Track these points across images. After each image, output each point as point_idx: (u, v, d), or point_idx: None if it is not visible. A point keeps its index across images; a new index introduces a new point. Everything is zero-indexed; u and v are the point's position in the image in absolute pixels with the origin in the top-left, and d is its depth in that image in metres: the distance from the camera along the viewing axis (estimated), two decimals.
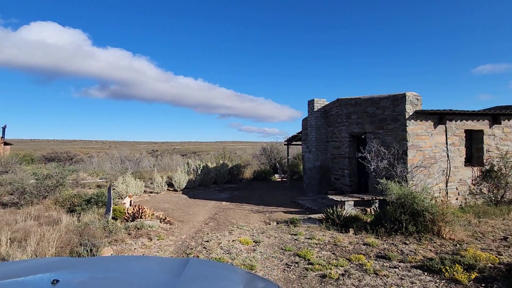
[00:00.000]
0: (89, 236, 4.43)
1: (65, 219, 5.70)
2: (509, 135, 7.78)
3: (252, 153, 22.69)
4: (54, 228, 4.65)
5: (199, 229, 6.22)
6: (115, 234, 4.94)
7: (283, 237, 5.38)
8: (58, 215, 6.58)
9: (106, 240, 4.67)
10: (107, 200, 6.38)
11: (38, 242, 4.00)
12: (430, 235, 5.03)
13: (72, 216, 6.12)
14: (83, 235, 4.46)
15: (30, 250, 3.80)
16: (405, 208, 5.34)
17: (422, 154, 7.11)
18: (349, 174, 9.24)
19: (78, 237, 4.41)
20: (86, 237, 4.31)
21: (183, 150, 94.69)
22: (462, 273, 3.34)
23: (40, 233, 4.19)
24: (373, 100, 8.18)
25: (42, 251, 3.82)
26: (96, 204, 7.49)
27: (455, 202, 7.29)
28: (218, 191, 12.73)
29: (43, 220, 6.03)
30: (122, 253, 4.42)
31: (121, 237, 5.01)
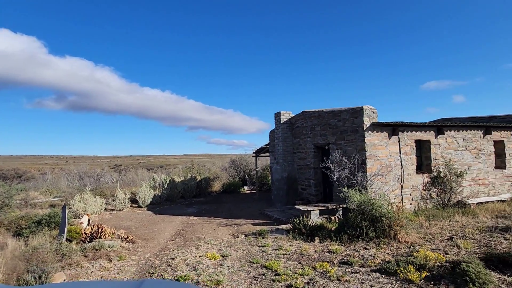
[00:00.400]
0: (38, 261, 4.03)
1: (10, 244, 5.12)
2: (451, 144, 8.68)
3: (221, 166, 22.49)
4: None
5: (164, 247, 5.97)
6: (69, 257, 4.55)
7: (251, 250, 5.37)
8: (3, 239, 5.90)
9: (59, 265, 4.28)
10: (61, 220, 5.88)
11: None
12: (387, 239, 5.36)
13: (18, 240, 5.54)
14: (30, 260, 4.04)
15: None
16: (365, 215, 5.65)
17: (379, 163, 7.63)
18: (315, 184, 9.56)
19: (25, 263, 4.00)
20: (34, 263, 3.92)
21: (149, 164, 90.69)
22: (414, 273, 3.61)
23: None
24: (334, 112, 8.67)
25: None
26: (48, 226, 6.86)
27: (409, 207, 7.87)
28: (186, 205, 12.36)
29: None
30: (76, 278, 4.07)
31: (76, 260, 4.63)
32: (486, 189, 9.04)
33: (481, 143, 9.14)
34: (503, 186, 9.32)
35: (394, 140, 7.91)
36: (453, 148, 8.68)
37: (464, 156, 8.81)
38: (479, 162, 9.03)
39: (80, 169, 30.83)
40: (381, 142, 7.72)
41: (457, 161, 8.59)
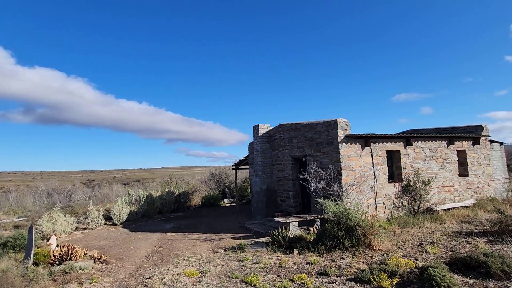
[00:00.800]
0: (8, 284, 3.76)
1: None
2: (419, 154, 9.25)
3: (200, 179, 22.16)
4: None
5: (140, 266, 5.77)
6: (36, 282, 4.28)
7: (231, 265, 5.34)
8: None
9: None
10: (27, 242, 5.52)
11: None
12: (363, 247, 5.56)
13: None
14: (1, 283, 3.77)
15: None
16: (341, 225, 5.84)
17: (354, 174, 7.95)
18: (294, 196, 9.72)
19: None
20: (4, 286, 3.66)
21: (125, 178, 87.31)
22: (386, 280, 3.78)
23: None
24: (310, 125, 8.98)
25: None
26: (12, 249, 6.41)
27: (383, 215, 8.21)
28: (164, 221, 12.02)
29: None
30: None
31: (44, 286, 4.36)
32: (452, 195, 9.65)
33: (446, 153, 9.82)
34: (466, 192, 10.00)
35: (367, 151, 8.30)
36: (421, 158, 9.25)
37: (431, 165, 9.40)
38: (444, 170, 9.67)
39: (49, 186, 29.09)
40: (355, 153, 8.08)
41: (425, 170, 9.14)
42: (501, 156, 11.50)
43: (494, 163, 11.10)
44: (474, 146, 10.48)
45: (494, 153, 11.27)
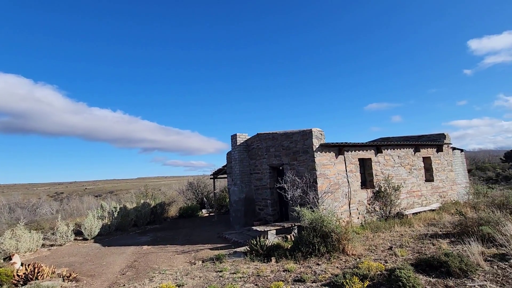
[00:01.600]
0: None
1: None
2: (389, 161, 9.80)
3: (178, 189, 21.74)
4: None
5: (114, 282, 5.58)
6: None
7: (208, 276, 5.32)
8: None
9: None
10: None
11: None
12: (337, 253, 5.77)
13: None
14: None
15: None
16: (316, 232, 6.03)
17: (329, 181, 8.25)
18: (272, 204, 9.86)
19: None
20: None
21: (97, 190, 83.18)
22: (358, 283, 3.98)
23: None
24: (287, 134, 9.23)
25: None
26: None
27: (357, 220, 8.55)
28: (139, 234, 11.65)
29: None
30: None
31: None
32: (419, 200, 10.27)
33: (413, 160, 10.48)
34: (432, 196, 10.69)
35: (340, 159, 8.67)
36: (390, 165, 9.79)
37: (400, 172, 9.98)
38: (412, 176, 10.29)
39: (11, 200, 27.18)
40: (329, 161, 8.41)
41: (394, 176, 9.68)
42: (462, 162, 12.45)
43: (456, 169, 11.99)
44: (438, 153, 11.28)
45: (456, 159, 12.18)
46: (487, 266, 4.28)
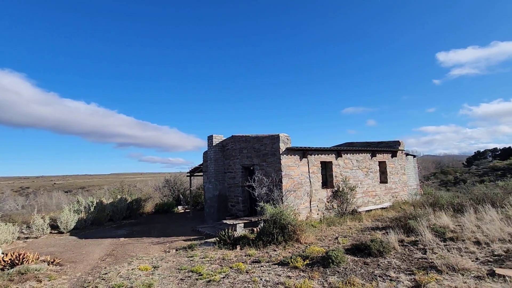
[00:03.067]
0: None
1: None
2: (348, 164, 11.17)
3: (154, 185, 22.21)
4: None
5: (95, 266, 6.37)
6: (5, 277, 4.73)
7: (181, 260, 6.27)
8: None
9: None
10: None
11: None
12: (293, 242, 6.93)
13: None
14: None
15: None
16: (276, 224, 7.15)
17: (293, 181, 9.43)
18: (243, 201, 10.91)
19: None
20: None
21: (67, 185, 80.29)
22: (300, 261, 5.12)
23: None
24: (258, 138, 10.31)
25: None
26: None
27: (316, 216, 9.82)
28: (115, 228, 12.25)
29: None
30: None
31: (2, 284, 4.82)
32: (374, 199, 11.76)
33: (370, 163, 11.94)
34: (386, 196, 12.24)
35: (304, 162, 9.88)
36: (349, 168, 11.17)
37: (358, 174, 11.40)
38: (368, 178, 11.76)
39: None
40: (294, 163, 9.58)
41: (352, 178, 11.06)
42: (414, 167, 14.18)
43: (409, 172, 13.68)
44: (392, 158, 12.86)
45: (409, 164, 13.87)
46: (400, 249, 5.59)
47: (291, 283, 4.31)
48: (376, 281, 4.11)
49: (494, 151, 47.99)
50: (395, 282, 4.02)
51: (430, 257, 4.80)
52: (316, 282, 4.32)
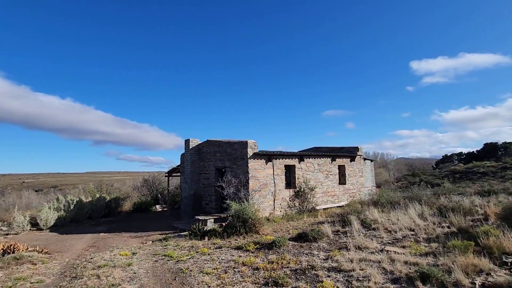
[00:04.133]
0: None
1: None
2: (309, 167, 12.80)
3: (132, 185, 23.01)
4: None
5: (80, 254, 7.52)
6: None
7: (156, 248, 7.55)
8: None
9: None
10: None
11: None
12: (252, 233, 8.38)
13: None
14: None
15: None
16: (239, 218, 8.58)
17: (259, 182, 10.90)
18: (215, 199, 12.26)
19: None
20: None
21: (38, 184, 77.82)
22: (252, 246, 6.57)
23: None
24: (230, 143, 11.70)
25: None
26: None
27: (279, 213, 11.35)
28: (94, 225, 13.20)
29: None
30: (11, 275, 5.51)
31: (2, 266, 5.91)
32: (332, 198, 13.49)
33: (330, 167, 13.66)
34: (344, 196, 14.01)
35: (269, 165, 11.38)
36: (310, 171, 12.81)
37: (318, 176, 13.07)
38: (328, 180, 13.47)
39: None
40: (260, 166, 11.06)
41: (313, 179, 12.71)
42: (371, 170, 16.11)
43: (366, 175, 15.57)
44: (351, 162, 14.68)
45: (366, 167, 15.78)
46: (332, 236, 7.19)
47: (240, 259, 5.75)
48: (301, 256, 5.64)
49: (459, 155, 52.05)
50: (314, 256, 5.56)
51: (349, 241, 6.39)
52: (259, 259, 5.79)
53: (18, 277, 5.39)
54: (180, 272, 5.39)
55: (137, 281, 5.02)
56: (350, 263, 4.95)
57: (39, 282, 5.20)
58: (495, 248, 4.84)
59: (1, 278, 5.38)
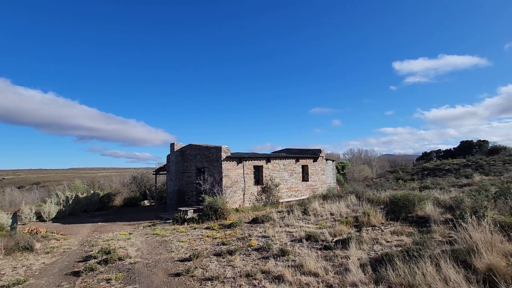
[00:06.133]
0: (22, 239, 8.08)
1: None
2: (276, 167, 15.80)
3: (122, 182, 25.64)
4: None
5: (88, 235, 10.33)
6: (34, 238, 8.59)
7: (146, 230, 10.43)
8: None
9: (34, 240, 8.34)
10: (12, 221, 9.57)
11: None
12: (221, 219, 11.32)
13: None
14: (19, 239, 8.03)
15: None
16: (212, 208, 11.52)
17: (231, 180, 13.83)
18: (196, 194, 15.15)
19: (14, 241, 7.98)
20: (22, 240, 7.99)
21: (19, 180, 78.91)
22: (216, 226, 9.53)
23: None
24: (207, 147, 14.57)
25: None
26: None
27: (248, 205, 14.34)
28: (90, 217, 15.92)
29: None
30: (48, 245, 8.30)
31: (37, 239, 8.68)
32: (296, 193, 16.57)
33: (294, 167, 16.72)
34: (306, 191, 17.12)
35: (240, 166, 14.32)
36: (277, 170, 15.83)
37: (283, 175, 16.10)
38: (292, 178, 16.52)
39: None
40: (232, 167, 13.99)
41: (279, 177, 15.73)
42: (333, 169, 19.27)
43: (327, 173, 18.72)
44: (314, 162, 17.78)
45: (328, 167, 18.92)
46: (278, 220, 10.19)
47: (206, 233, 8.72)
48: (247, 231, 8.63)
49: (438, 152, 56.32)
50: (254, 231, 8.57)
51: (285, 222, 9.41)
52: (219, 233, 8.76)
53: (52, 246, 8.20)
54: (164, 242, 8.32)
55: (136, 246, 7.92)
56: (275, 233, 7.96)
57: (68, 248, 8.04)
58: (365, 223, 7.93)
59: (41, 247, 8.17)
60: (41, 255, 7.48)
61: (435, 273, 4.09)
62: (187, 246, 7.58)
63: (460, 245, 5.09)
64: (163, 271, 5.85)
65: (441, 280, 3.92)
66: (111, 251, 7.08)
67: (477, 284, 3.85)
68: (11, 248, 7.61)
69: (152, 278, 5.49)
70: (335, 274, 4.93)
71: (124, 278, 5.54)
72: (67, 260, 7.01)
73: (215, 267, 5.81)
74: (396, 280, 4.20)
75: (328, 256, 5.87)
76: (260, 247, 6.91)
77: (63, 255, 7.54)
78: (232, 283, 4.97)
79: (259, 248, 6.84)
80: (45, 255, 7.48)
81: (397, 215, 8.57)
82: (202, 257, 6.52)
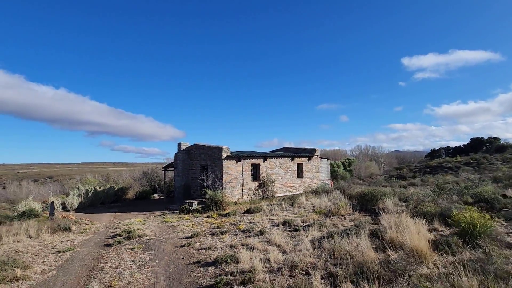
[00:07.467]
0: (62, 223, 10.55)
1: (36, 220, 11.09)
2: (272, 165, 17.96)
3: (133, 176, 28.31)
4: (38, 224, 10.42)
5: (109, 221, 12.80)
6: (70, 222, 11.08)
7: (157, 218, 12.83)
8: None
9: (70, 224, 10.81)
10: (50, 208, 12.12)
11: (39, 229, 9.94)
12: (221, 210, 13.61)
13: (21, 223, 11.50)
14: (60, 223, 10.50)
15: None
16: (213, 201, 13.82)
17: (230, 176, 16.09)
18: (200, 189, 17.51)
19: (56, 224, 10.46)
20: (62, 223, 10.46)
21: (33, 174, 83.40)
22: (215, 215, 11.82)
23: (25, 227, 10.05)
24: (210, 147, 16.84)
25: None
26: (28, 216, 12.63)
27: (246, 199, 16.60)
28: (107, 208, 18.52)
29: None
30: (80, 228, 10.77)
31: (73, 223, 11.17)
32: (291, 189, 18.72)
33: (290, 165, 18.84)
34: (301, 187, 19.24)
35: (239, 164, 16.56)
36: (273, 168, 18.00)
37: (279, 172, 18.25)
38: (288, 175, 18.66)
39: None
40: (232, 165, 16.24)
41: (275, 174, 17.90)
42: (327, 166, 21.27)
43: (322, 170, 20.75)
44: (309, 160, 19.84)
45: (322, 164, 20.93)
46: (267, 210, 12.38)
47: (206, 220, 11.02)
48: (240, 218, 10.86)
49: (447, 149, 57.05)
50: (245, 218, 10.80)
51: (272, 212, 11.60)
52: (217, 220, 11.05)
53: (84, 228, 10.67)
54: (172, 226, 10.67)
55: (150, 229, 10.29)
56: (260, 220, 10.19)
57: (97, 230, 10.49)
58: (334, 213, 10.05)
59: (75, 229, 10.64)
60: (78, 234, 9.95)
61: (354, 242, 6.22)
62: (190, 229, 9.90)
63: (381, 226, 7.19)
64: (171, 244, 8.18)
65: (353, 246, 6.05)
66: (132, 231, 9.46)
67: (378, 250, 5.96)
68: (55, 229, 10.10)
69: (163, 248, 7.81)
70: (293, 246, 7.11)
71: (144, 248, 7.88)
72: (99, 237, 9.45)
73: (210, 242, 8.10)
74: (328, 247, 6.35)
75: (294, 236, 8.06)
76: (246, 229, 9.15)
77: (94, 234, 10.00)
78: (220, 251, 7.23)
79: (245, 230, 9.09)
80: (81, 234, 9.95)
81: (364, 207, 10.65)
82: (200, 235, 8.82)
